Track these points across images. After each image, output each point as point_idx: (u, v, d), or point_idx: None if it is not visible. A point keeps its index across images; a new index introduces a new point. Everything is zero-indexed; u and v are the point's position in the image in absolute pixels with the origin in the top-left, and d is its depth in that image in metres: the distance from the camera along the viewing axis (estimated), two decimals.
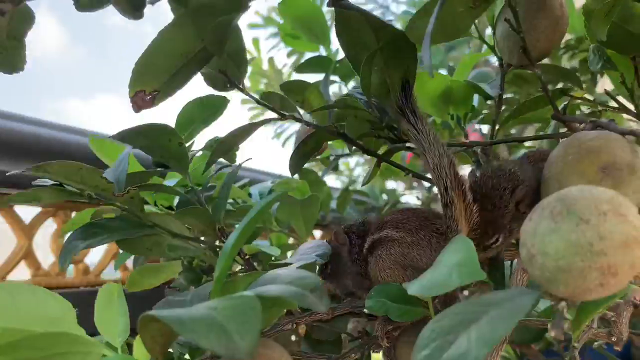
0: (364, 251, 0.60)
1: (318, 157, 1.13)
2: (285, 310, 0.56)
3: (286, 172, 0.73)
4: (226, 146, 0.60)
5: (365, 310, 0.59)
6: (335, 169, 1.12)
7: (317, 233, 1.81)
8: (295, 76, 1.23)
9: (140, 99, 0.52)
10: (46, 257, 1.18)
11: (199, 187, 0.77)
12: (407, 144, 0.64)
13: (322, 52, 1.12)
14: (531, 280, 0.50)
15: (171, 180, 0.78)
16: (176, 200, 0.78)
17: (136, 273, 0.72)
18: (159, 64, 0.50)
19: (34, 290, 0.47)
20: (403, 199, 1.75)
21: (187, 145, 0.70)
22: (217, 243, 0.64)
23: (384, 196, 1.63)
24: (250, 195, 0.90)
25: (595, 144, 0.50)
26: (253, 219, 0.43)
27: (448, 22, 0.50)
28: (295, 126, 2.27)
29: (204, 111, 0.69)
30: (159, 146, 0.62)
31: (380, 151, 0.70)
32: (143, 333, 0.39)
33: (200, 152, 0.75)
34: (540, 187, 0.55)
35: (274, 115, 0.63)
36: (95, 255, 1.29)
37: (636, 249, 0.35)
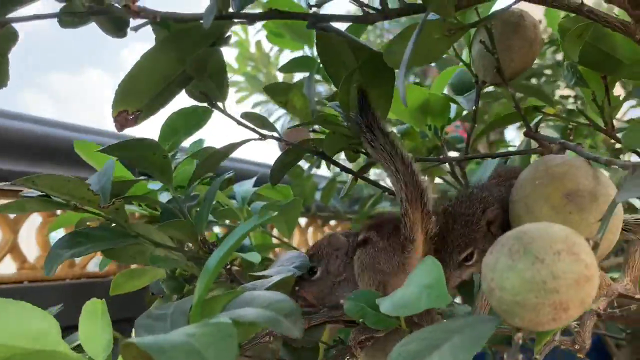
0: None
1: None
2: None
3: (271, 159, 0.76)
4: (210, 164, 0.62)
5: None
6: (318, 167, 1.14)
7: (302, 220, 1.83)
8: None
9: (124, 118, 0.54)
10: (31, 250, 1.19)
11: (182, 189, 0.79)
12: None
13: (307, 51, 1.13)
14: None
15: (156, 184, 0.80)
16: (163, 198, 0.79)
17: (120, 276, 0.73)
18: (142, 86, 0.52)
19: (19, 305, 0.48)
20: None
21: (171, 154, 0.71)
22: (200, 253, 0.66)
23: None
24: (233, 193, 0.92)
25: (561, 170, 0.53)
26: (232, 246, 0.45)
27: (424, 48, 0.51)
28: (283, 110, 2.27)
29: (188, 121, 0.70)
30: (144, 158, 0.63)
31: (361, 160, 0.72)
32: (125, 356, 0.41)
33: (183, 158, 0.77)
34: (509, 207, 0.57)
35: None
36: None
37: (586, 286, 0.37)
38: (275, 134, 0.63)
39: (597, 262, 0.39)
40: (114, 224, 0.65)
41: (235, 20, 0.48)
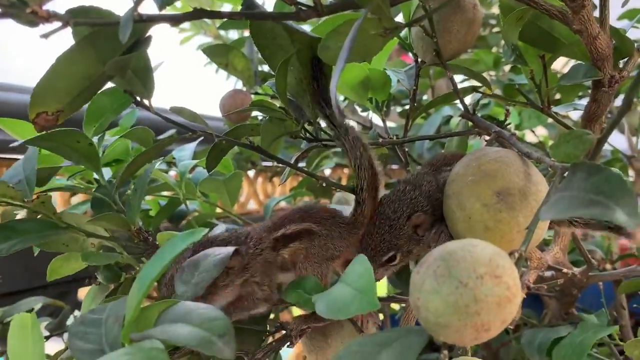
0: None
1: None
2: None
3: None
4: (136, 166, 0.60)
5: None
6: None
7: (251, 173, 1.80)
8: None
9: (43, 119, 0.50)
10: None
11: (117, 164, 0.76)
12: (324, 142, 0.66)
13: None
14: None
15: None
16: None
17: (56, 262, 0.71)
18: (61, 87, 0.48)
19: None
20: None
21: (98, 136, 0.68)
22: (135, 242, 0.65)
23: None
24: (174, 161, 0.89)
25: (493, 167, 0.53)
26: (161, 269, 0.44)
27: (360, 44, 0.49)
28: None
29: (114, 100, 0.66)
30: (68, 148, 0.60)
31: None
32: None
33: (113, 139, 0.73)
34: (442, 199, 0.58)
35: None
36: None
37: (508, 306, 0.38)
38: (208, 130, 0.60)
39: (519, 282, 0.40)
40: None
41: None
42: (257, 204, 1.68)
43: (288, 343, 0.60)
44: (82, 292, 1.25)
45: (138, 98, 0.54)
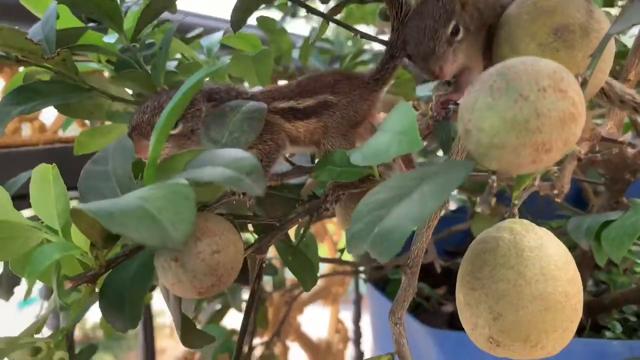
0: None
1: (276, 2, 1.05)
2: None
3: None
4: (152, 12, 0.55)
5: None
6: (293, 15, 1.05)
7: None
8: None
9: None
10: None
11: (137, 44, 0.72)
12: None
13: None
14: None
15: (111, 36, 0.72)
16: None
17: (83, 135, 0.69)
18: None
19: None
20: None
21: None
22: None
23: (350, 44, 1.55)
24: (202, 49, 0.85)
25: (550, 4, 0.47)
26: (187, 92, 0.40)
27: None
28: None
29: None
30: (87, 1, 0.56)
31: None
32: (78, 224, 0.39)
33: (138, 5, 0.68)
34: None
35: None
36: (51, 111, 1.24)
37: (572, 125, 0.34)
38: None
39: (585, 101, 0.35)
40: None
41: None
42: None
43: (322, 208, 0.57)
44: None
45: None
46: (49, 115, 1.19)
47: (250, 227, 0.61)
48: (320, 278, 1.50)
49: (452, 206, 1.56)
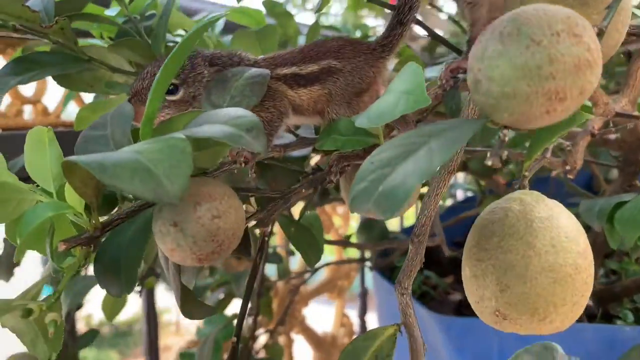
0: None
1: None
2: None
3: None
4: None
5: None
6: None
7: None
8: None
9: None
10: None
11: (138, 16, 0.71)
12: None
13: None
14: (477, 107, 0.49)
15: (113, 9, 0.71)
16: None
17: (84, 109, 0.68)
18: None
19: None
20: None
21: None
22: None
23: (357, 32, 1.54)
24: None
25: None
26: (189, 38, 0.39)
27: None
28: None
29: None
30: None
31: None
32: (70, 179, 0.38)
33: None
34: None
35: None
36: (54, 95, 1.23)
37: (587, 72, 0.32)
38: None
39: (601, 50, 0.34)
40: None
41: None
42: None
43: (327, 180, 0.55)
44: None
45: None
46: (52, 98, 1.19)
47: (252, 201, 0.60)
48: (326, 266, 1.49)
49: (461, 196, 1.55)
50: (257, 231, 0.56)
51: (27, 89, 1.16)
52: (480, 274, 0.41)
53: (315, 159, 0.65)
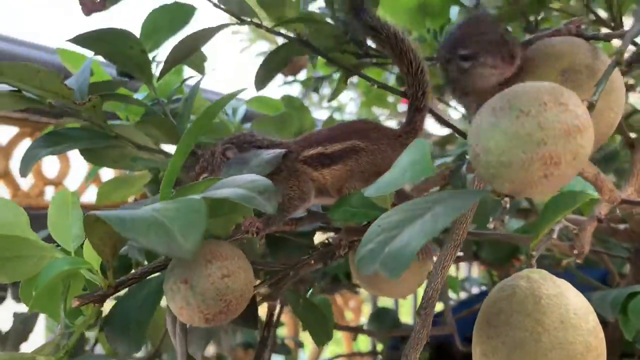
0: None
1: (298, 79, 1.11)
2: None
3: None
4: (185, 48, 0.58)
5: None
6: (316, 90, 1.10)
7: None
8: None
9: (90, 1, 0.50)
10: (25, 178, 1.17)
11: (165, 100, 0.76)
12: (374, 60, 0.63)
13: None
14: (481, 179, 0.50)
15: (141, 94, 0.76)
16: None
17: (106, 185, 0.71)
18: None
19: None
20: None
21: (152, 55, 0.68)
22: None
23: None
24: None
25: (558, 49, 0.49)
26: (202, 120, 0.42)
27: None
28: None
29: (171, 19, 0.65)
30: (120, 53, 0.60)
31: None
32: (90, 235, 0.40)
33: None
34: None
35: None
36: (75, 177, 1.27)
37: (578, 137, 0.34)
38: (255, 19, 0.58)
39: (590, 119, 0.36)
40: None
41: None
42: None
43: (337, 254, 0.56)
44: None
45: None
46: (73, 180, 1.23)
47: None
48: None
49: (475, 290, 1.52)
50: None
51: (50, 171, 1.22)
52: (490, 351, 0.41)
53: (321, 237, 0.66)
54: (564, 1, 0.68)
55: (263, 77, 0.63)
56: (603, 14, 0.68)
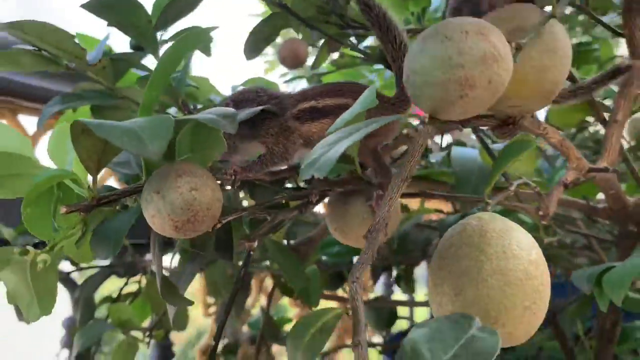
0: None
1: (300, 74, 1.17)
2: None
3: None
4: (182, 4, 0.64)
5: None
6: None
7: None
8: None
9: None
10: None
11: None
12: (356, 31, 0.68)
13: None
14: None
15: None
16: None
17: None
18: None
19: None
20: None
21: (160, 34, 0.75)
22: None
23: None
24: None
25: (510, 12, 0.51)
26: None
27: None
28: None
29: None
30: (130, 23, 0.67)
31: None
32: (77, 147, 0.46)
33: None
34: None
35: None
36: None
37: (494, 65, 0.39)
38: None
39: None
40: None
41: None
42: None
43: (309, 200, 0.61)
44: None
45: None
46: None
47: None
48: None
49: None
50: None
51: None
52: (440, 281, 0.45)
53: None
54: None
55: (252, 46, 0.69)
56: None
